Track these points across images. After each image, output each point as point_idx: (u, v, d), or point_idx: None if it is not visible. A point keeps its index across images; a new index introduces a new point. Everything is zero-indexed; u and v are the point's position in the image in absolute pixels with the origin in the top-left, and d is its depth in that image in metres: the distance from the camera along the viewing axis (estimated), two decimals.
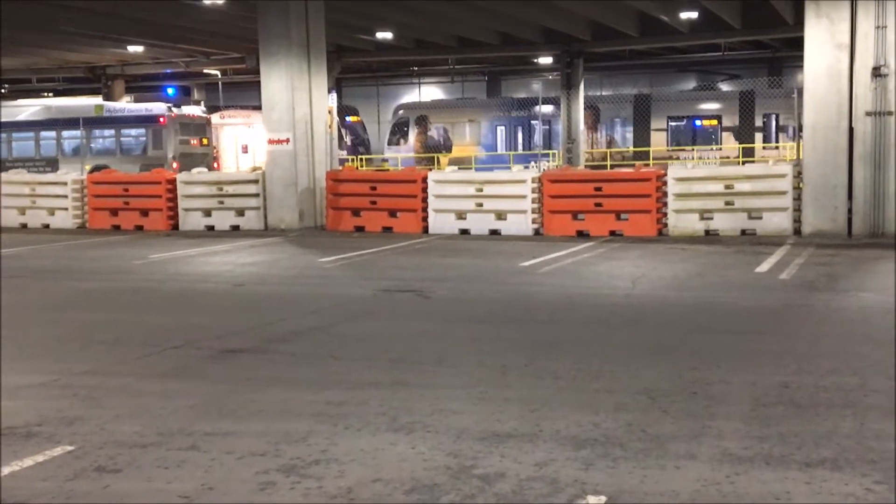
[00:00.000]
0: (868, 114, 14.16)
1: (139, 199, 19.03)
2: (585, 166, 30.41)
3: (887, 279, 10.44)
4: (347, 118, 36.54)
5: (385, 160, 35.01)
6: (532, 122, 34.42)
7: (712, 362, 6.47)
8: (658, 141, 32.87)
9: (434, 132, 35.99)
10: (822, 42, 14.33)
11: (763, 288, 10.01)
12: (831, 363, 6.38)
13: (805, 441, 4.71)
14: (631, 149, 32.72)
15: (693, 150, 31.47)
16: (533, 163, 31.03)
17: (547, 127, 33.97)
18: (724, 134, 32.48)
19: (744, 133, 31.79)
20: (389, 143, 36.58)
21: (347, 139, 35.84)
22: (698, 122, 33.30)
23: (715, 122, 32.79)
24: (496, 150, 34.45)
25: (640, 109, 33.28)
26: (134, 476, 4.42)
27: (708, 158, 29.80)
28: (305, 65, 17.87)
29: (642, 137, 33.08)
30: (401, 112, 37.44)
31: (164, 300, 10.07)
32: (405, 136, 36.23)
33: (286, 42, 17.57)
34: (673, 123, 33.54)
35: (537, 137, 34.01)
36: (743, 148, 30.94)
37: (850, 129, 14.27)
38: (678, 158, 30.14)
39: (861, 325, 7.82)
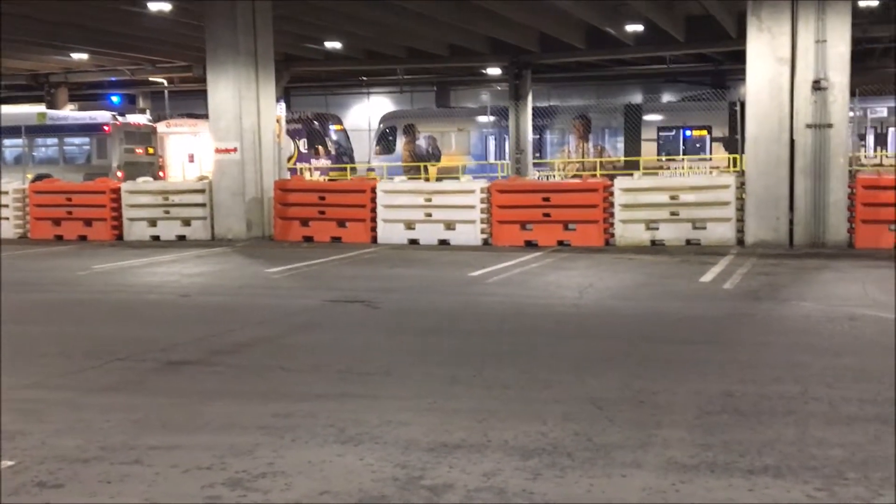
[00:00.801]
0: (808, 126, 14.45)
1: (83, 208, 18.73)
2: (575, 176, 29.89)
3: (828, 288, 10.66)
4: (331, 127, 35.74)
5: (371, 170, 34.29)
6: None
7: (658, 372, 6.54)
8: (649, 151, 32.78)
9: (422, 141, 35.24)
10: (763, 56, 14.61)
11: (707, 298, 10.15)
12: (774, 372, 6.49)
13: (748, 449, 4.78)
14: (622, 158, 32.60)
15: (683, 159, 31.42)
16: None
17: (537, 136, 33.65)
18: (715, 144, 32.45)
19: (733, 143, 31.69)
20: (377, 153, 35.62)
21: (332, 149, 35.09)
22: (688, 133, 33.28)
23: (704, 132, 32.78)
24: (486, 160, 33.94)
25: (630, 119, 33.19)
26: (76, 491, 4.34)
27: (698, 168, 29.79)
28: (253, 74, 17.76)
29: (633, 147, 32.98)
30: (388, 120, 36.52)
31: (109, 312, 9.91)
32: (392, 145, 35.36)
33: (233, 51, 17.45)
34: (663, 133, 33.48)
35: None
36: (733, 158, 30.86)
37: (792, 142, 14.54)
38: (668, 168, 30.11)
39: (803, 334, 7.96)
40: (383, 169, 33.34)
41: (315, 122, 34.57)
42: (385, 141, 35.72)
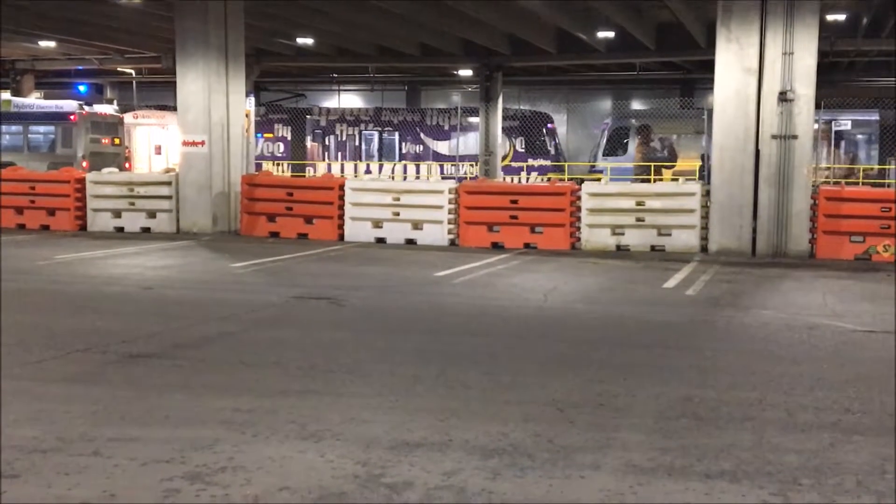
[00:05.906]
0: (774, 137, 14.64)
1: (46, 197, 18.49)
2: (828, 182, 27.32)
3: (788, 297, 10.80)
4: (549, 125, 34.42)
5: (599, 171, 31.84)
6: None
7: (619, 375, 6.60)
8: None
9: (657, 143, 33.29)
10: (731, 66, 14.77)
11: (670, 303, 10.25)
12: (732, 378, 6.57)
13: (706, 453, 4.84)
14: (875, 166, 30.84)
15: None
16: None
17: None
18: None
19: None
20: (605, 154, 33.38)
21: (551, 148, 33.94)
22: None
23: None
24: None
25: (886, 127, 30.55)
26: (33, 482, 4.30)
27: None
28: (223, 67, 17.65)
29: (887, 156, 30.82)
30: (620, 120, 34.52)
31: (69, 302, 9.81)
32: (623, 146, 33.31)
33: (203, 43, 17.34)
34: None
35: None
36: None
37: (757, 152, 14.72)
38: None
39: (762, 342, 8.06)
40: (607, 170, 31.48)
41: (532, 121, 33.39)
42: (615, 141, 33.48)
